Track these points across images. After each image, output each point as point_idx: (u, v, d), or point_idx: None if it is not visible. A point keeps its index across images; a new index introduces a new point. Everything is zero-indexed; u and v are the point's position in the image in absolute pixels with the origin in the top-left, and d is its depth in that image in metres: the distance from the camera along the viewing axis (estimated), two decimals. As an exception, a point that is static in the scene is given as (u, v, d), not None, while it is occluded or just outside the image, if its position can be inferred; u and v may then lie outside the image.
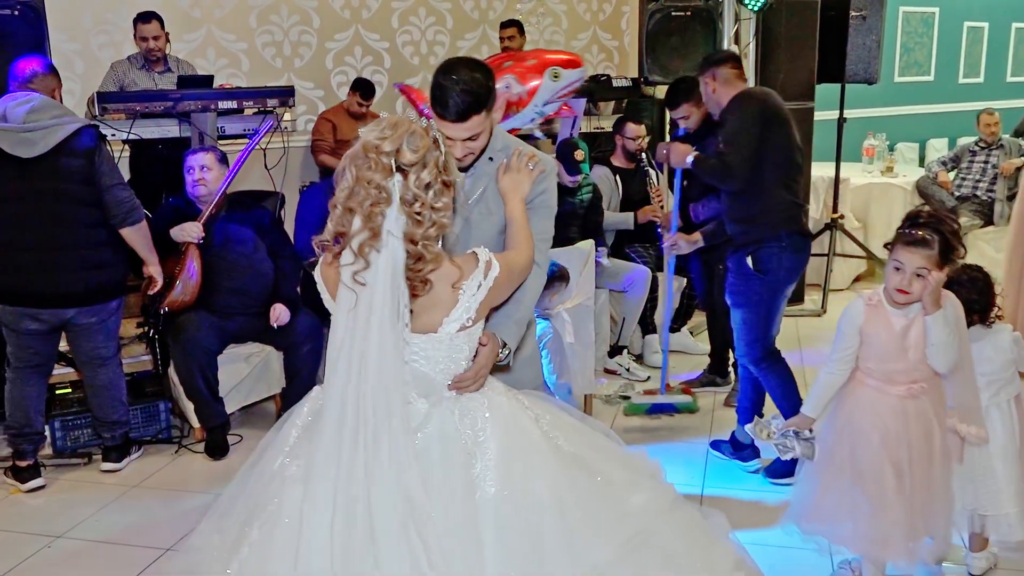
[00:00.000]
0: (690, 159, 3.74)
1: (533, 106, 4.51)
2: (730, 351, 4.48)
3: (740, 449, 3.90)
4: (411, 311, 1.98)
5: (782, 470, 3.71)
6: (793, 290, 3.83)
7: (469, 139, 2.39)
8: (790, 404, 3.62)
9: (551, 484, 2.06)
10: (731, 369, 4.74)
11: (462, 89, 2.31)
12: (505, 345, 2.32)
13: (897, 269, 2.61)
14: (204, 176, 4.17)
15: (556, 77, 4.48)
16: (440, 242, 2.03)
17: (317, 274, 2.11)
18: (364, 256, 1.91)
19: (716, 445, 4.03)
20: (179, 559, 2.41)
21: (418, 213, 1.94)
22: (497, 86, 2.52)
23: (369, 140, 1.93)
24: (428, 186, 1.95)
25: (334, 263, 2.00)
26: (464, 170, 2.46)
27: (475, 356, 2.16)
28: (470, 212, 2.51)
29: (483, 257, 2.09)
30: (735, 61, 3.80)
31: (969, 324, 2.83)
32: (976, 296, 2.83)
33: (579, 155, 4.83)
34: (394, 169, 1.93)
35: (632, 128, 5.33)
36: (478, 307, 2.08)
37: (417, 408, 2.04)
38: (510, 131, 4.42)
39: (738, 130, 3.58)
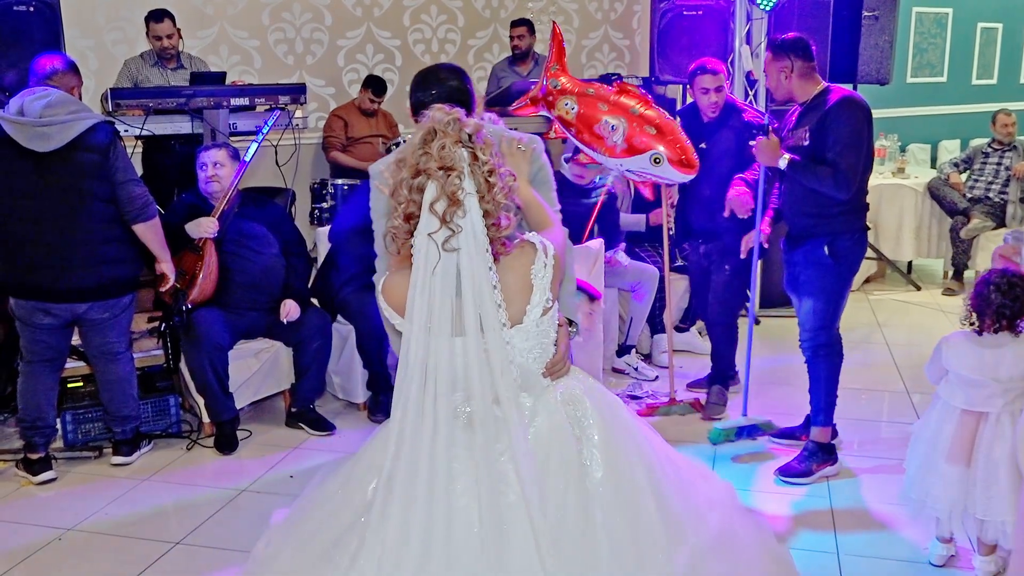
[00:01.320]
0: (783, 162, 3.68)
1: (618, 163, 4.04)
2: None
3: (828, 452, 3.83)
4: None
5: (796, 471, 3.75)
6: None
7: None
8: (827, 401, 3.80)
9: (647, 469, 2.13)
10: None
11: (438, 96, 2.35)
12: (572, 322, 2.37)
13: None
14: (217, 172, 4.20)
15: (656, 162, 3.94)
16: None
17: (380, 296, 2.11)
18: (449, 223, 1.94)
19: (787, 473, 3.81)
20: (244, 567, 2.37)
21: (489, 174, 2.00)
22: (607, 119, 2.49)
23: (436, 117, 2.00)
24: (492, 158, 2.02)
25: (404, 259, 2.02)
26: None
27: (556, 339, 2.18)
28: None
29: (536, 239, 2.10)
30: (811, 52, 3.76)
31: (996, 330, 2.83)
32: (1009, 302, 2.84)
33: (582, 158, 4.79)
34: (465, 140, 2.00)
35: None
36: (550, 287, 2.10)
37: (523, 404, 2.07)
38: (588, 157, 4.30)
39: (855, 138, 3.58)
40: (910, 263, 7.36)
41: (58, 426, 4.04)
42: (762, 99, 5.95)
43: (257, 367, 4.35)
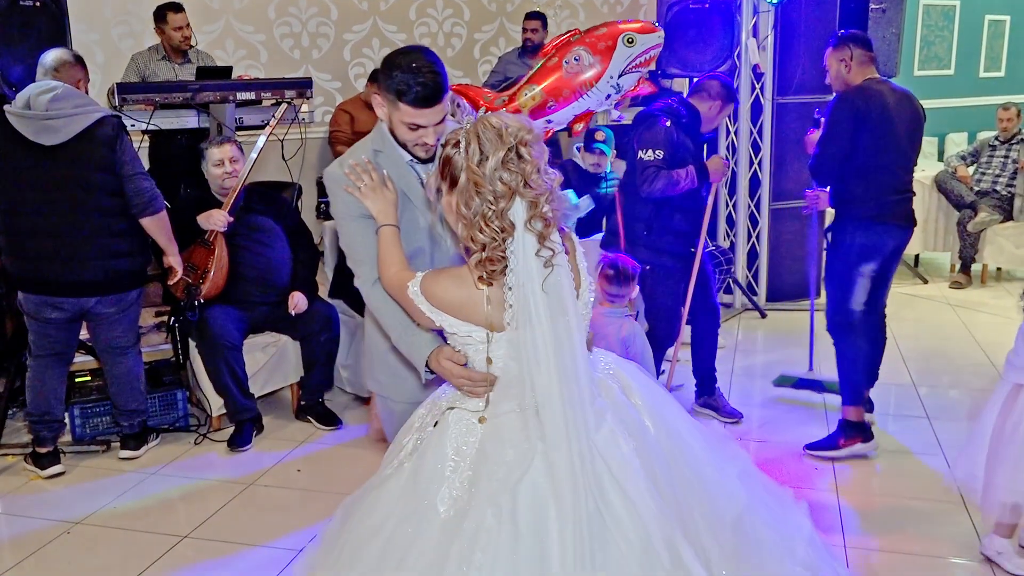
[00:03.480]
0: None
1: (608, 78, 4.17)
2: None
3: (857, 429, 3.93)
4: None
5: (822, 444, 3.93)
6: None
7: (439, 122, 2.34)
8: (850, 380, 3.93)
9: (688, 427, 2.27)
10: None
11: (428, 71, 2.26)
12: None
13: None
14: (236, 168, 4.21)
15: (631, 43, 4.13)
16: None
17: (420, 297, 2.09)
18: (548, 243, 1.98)
19: (814, 447, 3.95)
20: None
21: (555, 189, 2.03)
22: (566, 59, 2.48)
23: (520, 136, 1.98)
24: (544, 160, 2.03)
25: (483, 283, 2.01)
26: (429, 160, 2.40)
27: None
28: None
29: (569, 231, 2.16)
30: (870, 44, 3.96)
31: None
32: None
33: (600, 135, 4.79)
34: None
35: None
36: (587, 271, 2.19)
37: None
38: (584, 113, 4.34)
39: (831, 127, 3.84)
40: (917, 256, 7.34)
41: (66, 420, 4.05)
42: (768, 92, 5.93)
43: (265, 361, 4.36)
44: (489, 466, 2.01)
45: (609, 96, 4.30)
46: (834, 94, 3.98)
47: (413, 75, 2.22)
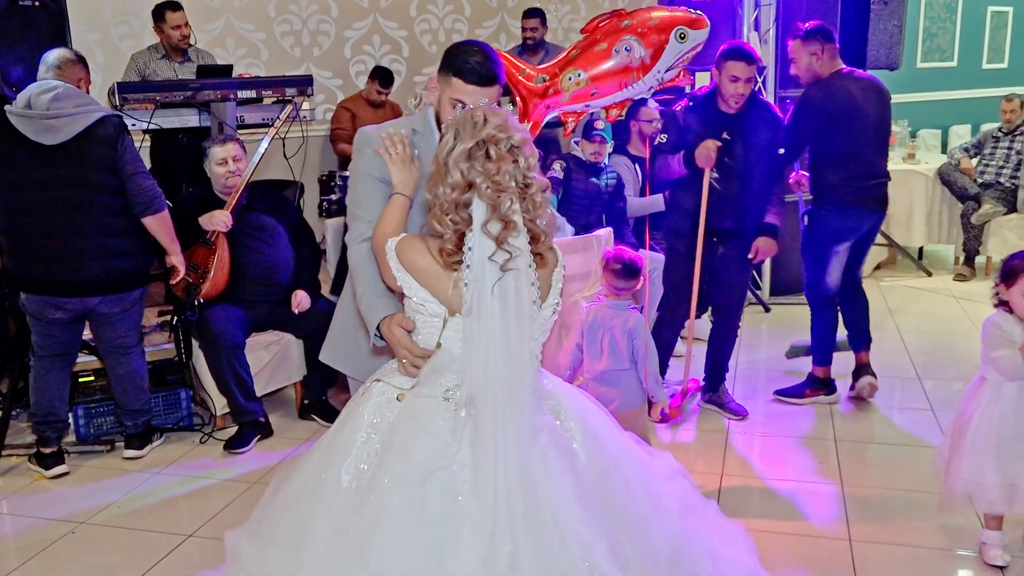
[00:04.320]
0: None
1: (656, 72, 4.12)
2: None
3: (822, 384, 4.39)
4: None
5: (789, 391, 4.39)
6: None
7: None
8: (820, 345, 4.38)
9: (629, 460, 2.25)
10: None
11: (486, 58, 2.36)
12: None
13: None
14: (239, 167, 4.21)
15: (683, 38, 4.08)
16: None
17: (393, 254, 2.11)
18: (506, 246, 1.98)
19: (783, 392, 4.43)
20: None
21: (532, 193, 2.03)
22: (616, 48, 2.48)
23: (489, 133, 1.99)
24: (531, 167, 2.04)
25: (449, 268, 2.03)
26: None
27: None
28: None
29: (555, 246, 2.17)
30: (834, 36, 4.14)
31: None
32: None
33: (599, 124, 4.79)
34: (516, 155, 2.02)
35: (646, 111, 5.28)
36: (560, 290, 2.18)
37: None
38: (621, 101, 4.34)
39: (793, 118, 4.07)
40: (921, 249, 7.32)
41: (70, 420, 4.05)
42: (771, 86, 5.92)
43: (268, 359, 4.36)
44: (400, 445, 2.02)
45: (650, 88, 4.33)
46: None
47: (471, 55, 2.36)
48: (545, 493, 1.96)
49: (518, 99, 4.24)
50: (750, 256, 4.10)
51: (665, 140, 3.96)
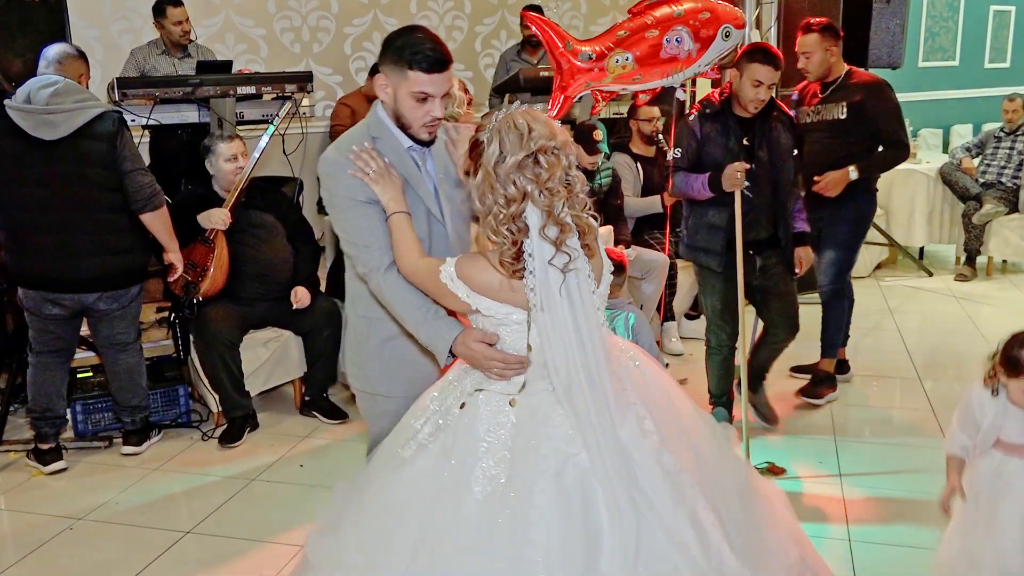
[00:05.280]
0: (854, 173, 4.20)
1: (697, 66, 4.19)
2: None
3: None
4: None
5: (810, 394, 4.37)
6: (808, 278, 4.27)
7: (445, 94, 2.31)
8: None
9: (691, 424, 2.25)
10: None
11: (432, 39, 2.27)
12: None
13: None
14: (243, 164, 4.20)
15: (727, 36, 4.16)
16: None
17: (457, 280, 2.10)
18: (564, 248, 2.01)
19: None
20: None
21: (577, 192, 2.05)
22: (667, 37, 2.42)
23: (540, 144, 2.00)
24: (572, 165, 2.05)
25: (513, 277, 2.04)
26: (428, 144, 2.40)
27: None
28: (451, 189, 2.45)
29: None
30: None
31: None
32: None
33: (597, 135, 4.78)
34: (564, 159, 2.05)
35: (645, 110, 5.28)
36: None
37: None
38: (654, 89, 4.36)
39: (899, 114, 4.30)
40: (922, 249, 7.31)
41: (68, 416, 4.04)
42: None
43: (267, 356, 4.35)
44: (531, 444, 2.02)
45: (682, 81, 4.36)
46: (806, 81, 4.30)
47: (420, 42, 2.24)
48: (641, 472, 2.00)
49: (556, 70, 4.10)
50: (796, 270, 3.89)
51: (680, 155, 3.76)
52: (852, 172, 4.19)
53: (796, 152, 3.81)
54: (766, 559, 2.15)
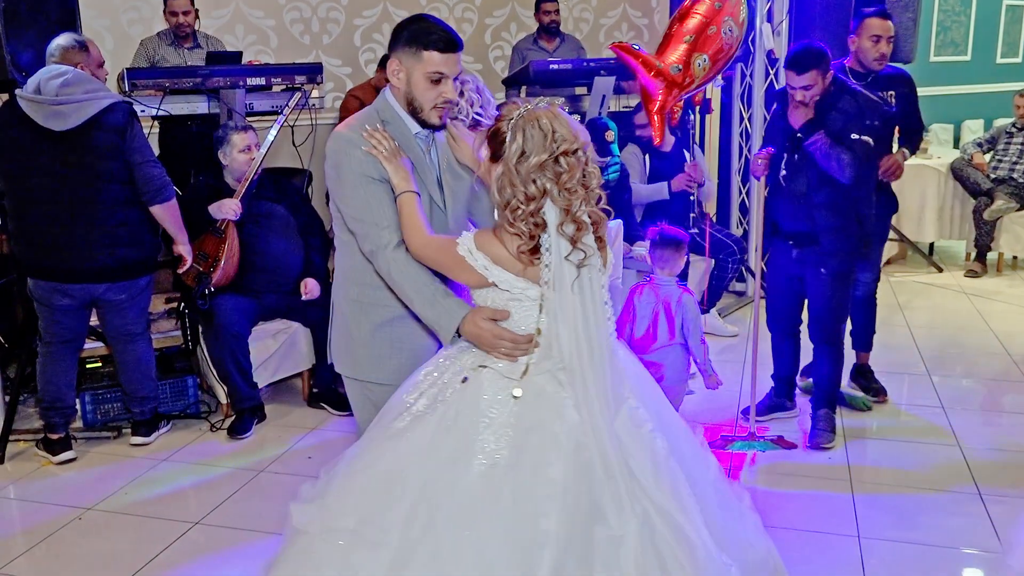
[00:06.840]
0: (907, 156, 4.34)
1: (729, 59, 4.22)
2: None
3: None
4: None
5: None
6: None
7: (456, 77, 2.37)
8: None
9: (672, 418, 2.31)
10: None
11: (441, 23, 2.34)
12: None
13: None
14: (257, 155, 4.19)
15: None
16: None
17: (478, 252, 2.13)
18: (580, 245, 2.07)
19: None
20: (291, 545, 2.25)
21: (593, 188, 2.10)
22: (724, 29, 2.45)
23: (563, 147, 2.04)
24: (588, 161, 2.09)
25: (531, 262, 2.09)
26: (438, 128, 2.43)
27: None
28: (452, 180, 2.49)
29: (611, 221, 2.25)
30: None
31: None
32: None
33: (609, 136, 4.77)
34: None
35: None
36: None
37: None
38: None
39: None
40: (932, 244, 7.28)
41: (77, 407, 4.05)
42: (783, 77, 5.86)
43: (275, 348, 4.35)
44: (541, 420, 2.06)
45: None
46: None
47: (435, 27, 2.32)
48: (634, 459, 2.05)
49: (655, 90, 4.01)
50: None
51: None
52: (907, 154, 4.34)
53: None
54: (738, 549, 2.18)
